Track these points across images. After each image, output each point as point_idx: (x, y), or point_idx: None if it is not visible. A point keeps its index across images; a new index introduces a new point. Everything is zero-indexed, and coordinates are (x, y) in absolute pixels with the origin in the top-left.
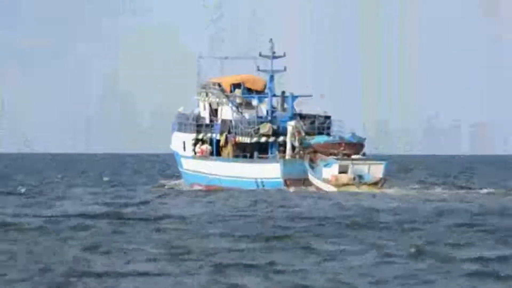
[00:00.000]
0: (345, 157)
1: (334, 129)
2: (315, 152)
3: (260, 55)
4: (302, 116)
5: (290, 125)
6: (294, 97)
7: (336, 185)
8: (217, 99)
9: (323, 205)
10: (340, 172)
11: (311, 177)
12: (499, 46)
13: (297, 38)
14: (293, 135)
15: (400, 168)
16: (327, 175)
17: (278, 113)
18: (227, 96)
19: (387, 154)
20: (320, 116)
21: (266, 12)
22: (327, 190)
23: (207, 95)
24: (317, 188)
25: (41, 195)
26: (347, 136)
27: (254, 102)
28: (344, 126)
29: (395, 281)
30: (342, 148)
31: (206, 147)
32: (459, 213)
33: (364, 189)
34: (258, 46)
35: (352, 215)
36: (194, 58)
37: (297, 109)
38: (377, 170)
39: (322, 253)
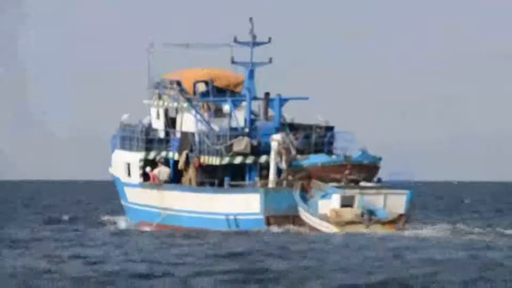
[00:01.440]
0: (352, 184)
1: (339, 145)
2: (310, 177)
3: (235, 40)
4: (293, 127)
5: (275, 140)
6: (283, 101)
7: (337, 224)
8: (175, 104)
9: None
10: (343, 206)
11: (302, 213)
12: None
13: (287, 17)
14: (278, 154)
15: (448, 200)
16: (325, 209)
17: (260, 122)
18: (189, 99)
19: (425, 180)
20: (318, 127)
21: None
22: (325, 230)
23: (160, 98)
24: (311, 228)
25: None
26: (355, 155)
27: (226, 107)
28: (354, 140)
29: None
30: (347, 172)
31: (159, 170)
32: None
33: (377, 229)
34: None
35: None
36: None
37: (288, 117)
38: (396, 203)
39: None
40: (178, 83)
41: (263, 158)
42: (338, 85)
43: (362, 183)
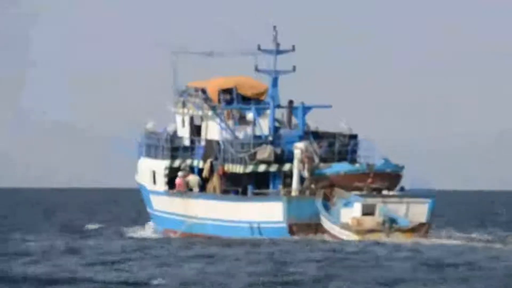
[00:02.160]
0: (374, 192)
1: (362, 153)
2: (332, 185)
3: (259, 49)
4: (317, 136)
5: (298, 148)
6: (306, 109)
7: (358, 232)
8: (200, 112)
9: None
10: (364, 214)
11: (324, 221)
12: None
13: (311, 26)
14: (301, 162)
15: (479, 208)
16: (346, 218)
17: (284, 131)
18: (214, 107)
19: (453, 189)
20: (342, 135)
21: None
22: (346, 238)
23: (185, 105)
24: (333, 236)
25: None
26: (378, 163)
27: (250, 115)
28: (377, 149)
29: None
30: (369, 181)
31: (182, 179)
32: None
33: (398, 237)
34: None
35: None
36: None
37: (312, 126)
38: (418, 212)
39: None
40: (203, 91)
41: (286, 166)
42: (366, 92)
43: (385, 192)
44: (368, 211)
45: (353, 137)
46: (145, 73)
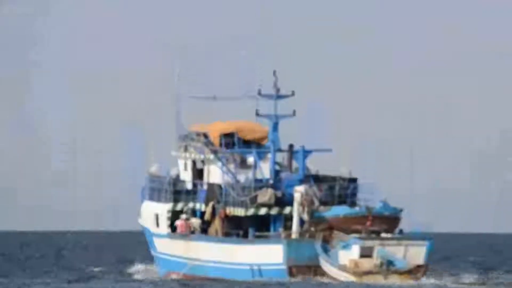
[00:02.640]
0: (373, 235)
1: (361, 196)
2: (331, 228)
3: (259, 93)
4: (318, 179)
5: (298, 192)
6: (306, 153)
7: (356, 274)
8: (202, 156)
9: None
10: (362, 256)
11: (323, 263)
12: None
13: (310, 71)
14: (301, 205)
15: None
16: (345, 260)
17: (285, 174)
18: (215, 151)
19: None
20: (342, 178)
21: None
22: (344, 280)
23: (186, 149)
24: (331, 277)
25: None
26: (377, 206)
27: (251, 159)
28: (376, 193)
29: None
30: (368, 223)
31: (184, 221)
32: None
33: (395, 279)
34: (259, 82)
35: None
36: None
37: (313, 169)
38: (416, 254)
39: None
40: (205, 135)
41: (287, 209)
42: (366, 136)
43: (383, 234)
44: (366, 253)
45: (353, 180)
46: (145, 73)
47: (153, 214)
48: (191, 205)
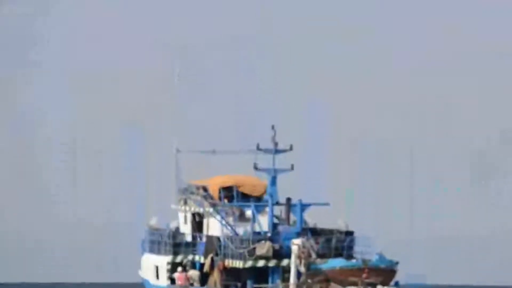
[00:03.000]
0: (369, 287)
1: (358, 249)
2: (328, 280)
3: (258, 148)
4: (315, 232)
5: (296, 244)
6: (304, 206)
7: None
8: (201, 209)
9: None
10: None
11: None
12: None
13: (307, 127)
14: (298, 257)
15: None
16: None
17: (283, 227)
18: (214, 205)
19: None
20: (339, 231)
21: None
22: None
23: (186, 202)
24: None
25: None
26: (372, 259)
27: (249, 212)
28: (374, 245)
29: None
30: (364, 276)
31: (183, 274)
32: None
33: None
34: (259, 136)
35: None
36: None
37: (311, 222)
38: None
39: None
40: (204, 189)
41: (285, 262)
42: (363, 190)
43: (379, 287)
44: None
45: (350, 233)
46: (145, 73)
47: (153, 266)
48: (190, 257)
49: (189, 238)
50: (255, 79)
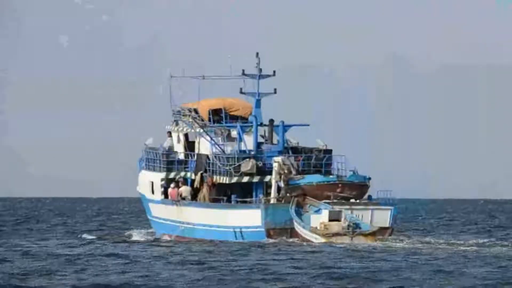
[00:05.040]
0: (342, 201)
1: (336, 166)
2: (305, 195)
3: (243, 73)
4: (296, 150)
5: (276, 162)
6: (286, 127)
7: (325, 236)
8: (192, 130)
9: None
10: (331, 220)
11: (297, 226)
12: None
13: (289, 53)
14: (279, 174)
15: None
16: (316, 223)
17: (266, 146)
18: (204, 126)
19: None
20: (318, 150)
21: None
22: (315, 241)
23: (177, 124)
24: (303, 239)
25: None
26: (347, 175)
27: (234, 132)
28: (347, 162)
29: None
30: (339, 190)
31: (175, 189)
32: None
33: (360, 240)
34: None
35: None
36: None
37: (294, 142)
38: (382, 217)
39: None
40: (195, 111)
41: (268, 178)
42: (344, 112)
43: (352, 200)
44: (334, 217)
45: (328, 151)
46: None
47: (148, 182)
48: (182, 174)
49: (181, 157)
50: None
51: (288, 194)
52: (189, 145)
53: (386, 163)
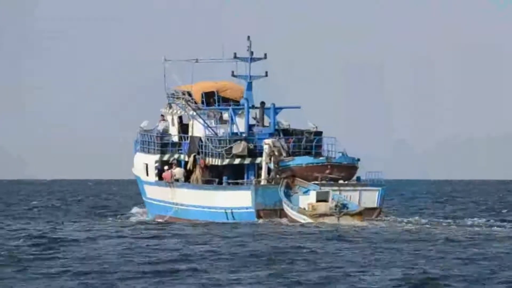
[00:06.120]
0: (331, 182)
1: (326, 148)
2: (294, 176)
3: (235, 57)
4: (287, 133)
5: (267, 144)
6: (277, 109)
7: (313, 216)
8: (184, 112)
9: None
10: (318, 200)
11: (285, 207)
12: None
13: (280, 35)
14: (269, 155)
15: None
16: (304, 204)
17: (257, 128)
18: (196, 108)
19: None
20: (309, 132)
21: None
22: (303, 221)
23: (171, 107)
24: (292, 219)
25: None
26: (336, 156)
27: (226, 115)
28: (338, 144)
29: None
30: (327, 171)
31: (171, 171)
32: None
33: (347, 220)
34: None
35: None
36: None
37: (285, 124)
38: (370, 198)
39: None
40: (189, 94)
41: (259, 160)
42: (334, 96)
43: (341, 182)
44: (322, 198)
45: (318, 133)
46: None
47: (143, 164)
48: (176, 156)
49: (175, 139)
50: None
51: (278, 176)
52: (183, 128)
53: (377, 143)
